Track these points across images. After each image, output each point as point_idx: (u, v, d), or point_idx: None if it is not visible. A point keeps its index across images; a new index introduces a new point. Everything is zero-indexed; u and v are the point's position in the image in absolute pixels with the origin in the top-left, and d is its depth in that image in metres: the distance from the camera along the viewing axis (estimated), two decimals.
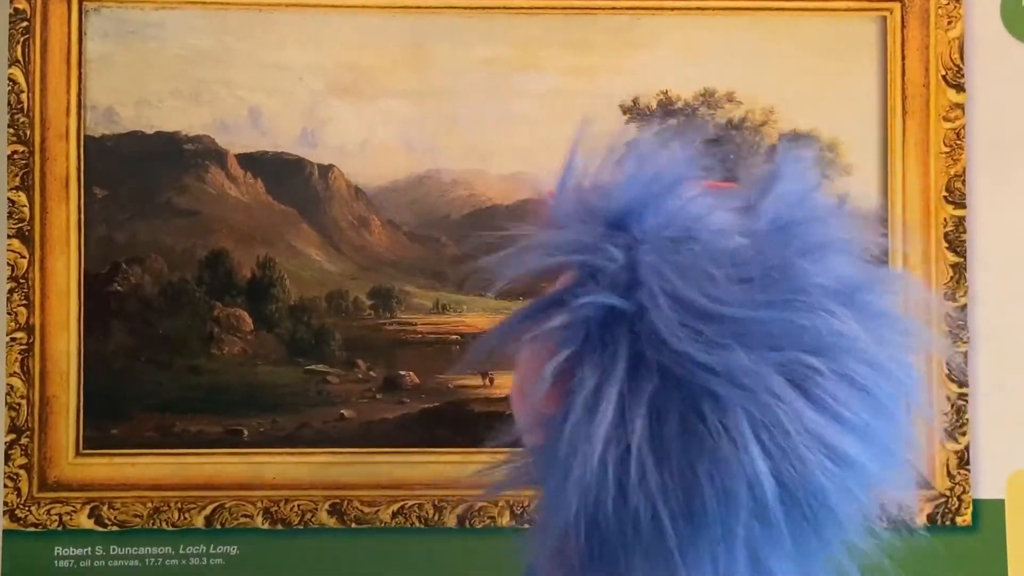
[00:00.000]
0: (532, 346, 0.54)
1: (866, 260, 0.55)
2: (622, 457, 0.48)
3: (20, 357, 1.03)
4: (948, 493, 1.06)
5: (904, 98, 1.08)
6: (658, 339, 0.48)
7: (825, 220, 0.54)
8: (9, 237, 1.03)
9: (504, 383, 1.05)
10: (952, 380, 1.06)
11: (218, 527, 1.04)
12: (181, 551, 1.04)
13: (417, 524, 1.05)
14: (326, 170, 1.07)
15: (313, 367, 1.07)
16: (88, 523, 1.04)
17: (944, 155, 1.07)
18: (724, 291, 0.49)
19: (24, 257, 1.03)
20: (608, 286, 0.50)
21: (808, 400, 0.48)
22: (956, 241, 1.07)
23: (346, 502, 1.05)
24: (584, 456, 0.48)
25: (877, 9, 1.08)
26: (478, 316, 1.07)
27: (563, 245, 0.53)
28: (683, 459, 0.48)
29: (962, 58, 1.08)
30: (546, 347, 0.51)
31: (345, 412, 1.06)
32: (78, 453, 1.04)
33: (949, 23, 1.07)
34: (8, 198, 1.03)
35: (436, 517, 1.05)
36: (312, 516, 1.05)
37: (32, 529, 1.03)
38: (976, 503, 1.07)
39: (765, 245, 0.51)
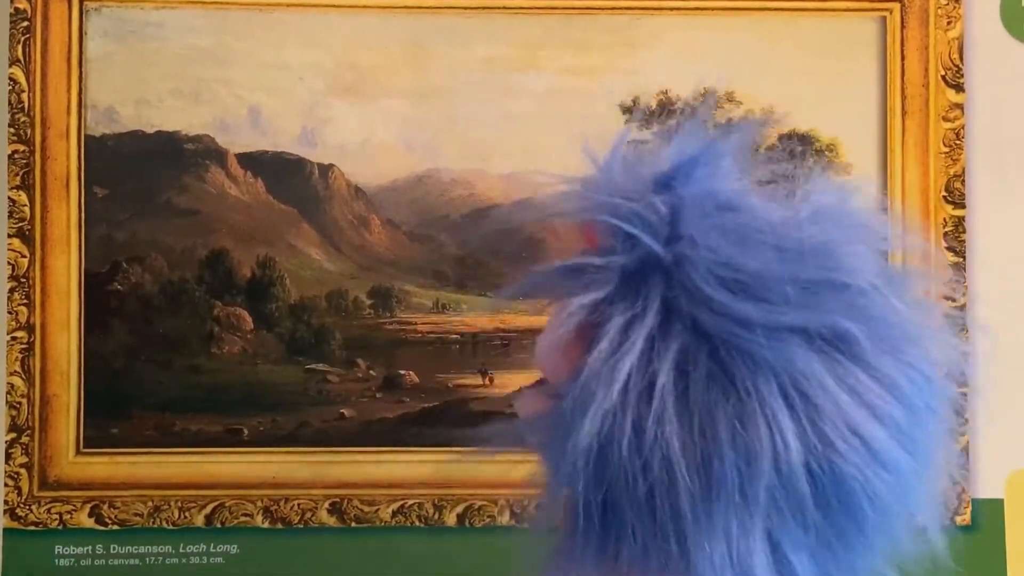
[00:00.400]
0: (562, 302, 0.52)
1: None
2: (642, 400, 0.46)
3: (21, 356, 1.03)
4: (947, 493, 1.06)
5: (903, 98, 1.08)
6: (694, 288, 0.47)
7: (863, 222, 0.53)
8: (9, 236, 1.04)
9: (504, 383, 1.06)
10: (951, 380, 1.06)
11: (218, 526, 1.04)
12: (181, 550, 1.04)
13: (417, 523, 1.05)
14: (326, 170, 1.07)
15: (313, 366, 1.07)
16: (88, 522, 1.04)
17: (943, 155, 1.07)
18: (766, 254, 0.47)
19: (25, 256, 1.04)
20: (649, 236, 0.49)
21: (842, 381, 0.46)
22: (955, 241, 1.07)
23: (346, 501, 1.05)
24: (605, 386, 0.46)
25: (877, 9, 1.08)
26: (478, 316, 1.07)
27: (607, 190, 0.52)
28: (706, 416, 0.45)
29: (962, 58, 1.08)
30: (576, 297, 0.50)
31: (345, 411, 1.06)
32: (78, 452, 1.04)
33: (949, 23, 1.08)
34: (9, 197, 1.04)
35: (436, 516, 1.05)
36: (312, 515, 1.05)
37: (32, 528, 1.03)
38: (975, 503, 1.07)
39: (809, 224, 0.50)
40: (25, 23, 1.04)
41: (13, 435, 1.03)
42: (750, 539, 0.46)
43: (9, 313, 1.03)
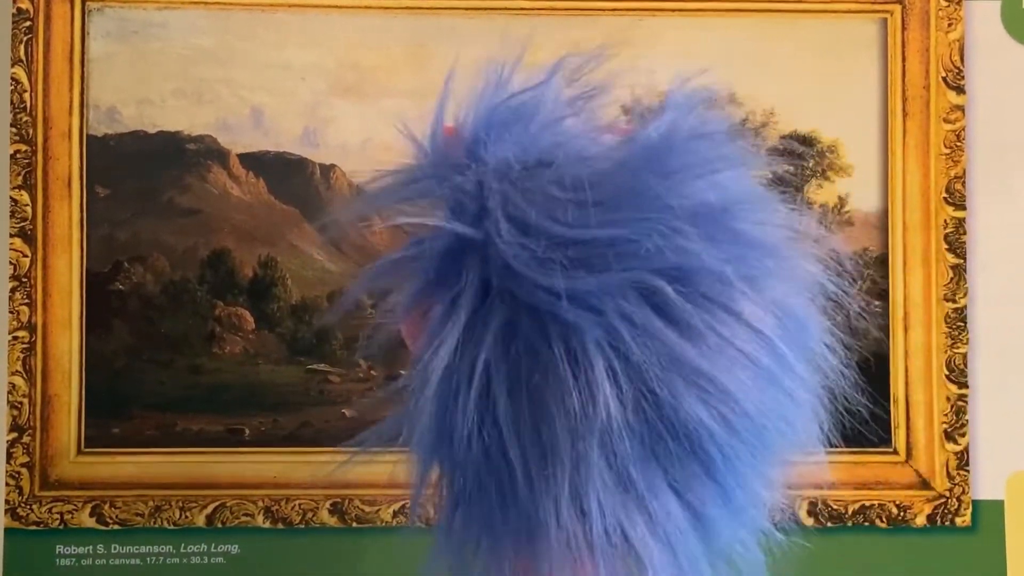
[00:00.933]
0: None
1: (752, 183, 0.53)
2: (471, 387, 0.47)
3: (22, 356, 1.03)
4: (947, 494, 1.06)
5: (904, 100, 1.08)
6: (504, 266, 0.47)
7: (696, 144, 0.52)
8: (12, 236, 1.04)
9: None
10: (952, 381, 1.07)
11: (219, 526, 1.04)
12: (182, 550, 1.04)
13: (418, 523, 1.05)
14: (328, 170, 1.07)
15: (314, 366, 1.07)
16: (89, 522, 1.04)
17: (944, 156, 1.07)
18: (571, 215, 0.47)
19: (26, 256, 1.04)
20: (458, 216, 0.49)
21: (665, 322, 0.46)
22: (956, 242, 1.07)
23: (347, 501, 1.05)
24: (425, 382, 0.48)
25: (878, 11, 1.08)
26: None
27: (414, 177, 0.53)
28: (531, 386, 0.46)
29: (962, 60, 1.08)
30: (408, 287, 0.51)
31: (346, 411, 1.06)
32: (79, 452, 1.04)
33: (949, 25, 1.08)
34: (11, 197, 1.04)
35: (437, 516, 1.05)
36: (313, 515, 1.05)
37: (33, 528, 1.03)
38: (975, 504, 1.07)
39: (622, 168, 0.49)
40: (27, 23, 1.04)
41: (14, 435, 1.03)
42: (591, 491, 0.46)
43: (11, 313, 1.03)
